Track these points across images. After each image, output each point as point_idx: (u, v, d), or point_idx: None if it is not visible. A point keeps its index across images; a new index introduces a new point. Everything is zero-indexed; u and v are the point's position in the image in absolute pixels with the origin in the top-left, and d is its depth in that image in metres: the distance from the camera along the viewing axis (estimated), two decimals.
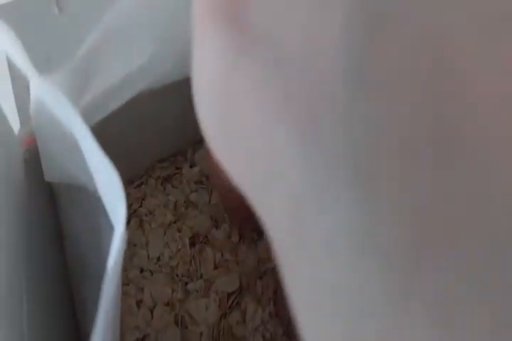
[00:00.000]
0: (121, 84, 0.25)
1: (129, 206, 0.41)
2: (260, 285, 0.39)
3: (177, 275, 0.40)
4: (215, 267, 0.40)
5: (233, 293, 0.39)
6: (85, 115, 0.25)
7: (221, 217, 0.41)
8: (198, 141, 0.44)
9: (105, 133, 0.37)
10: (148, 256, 0.40)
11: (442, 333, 0.09)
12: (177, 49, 0.26)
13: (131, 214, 0.41)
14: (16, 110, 0.46)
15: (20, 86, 0.48)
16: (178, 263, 0.40)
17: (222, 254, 0.40)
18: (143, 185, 0.42)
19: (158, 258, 0.40)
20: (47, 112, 0.22)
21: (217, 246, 0.40)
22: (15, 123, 0.43)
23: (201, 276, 0.40)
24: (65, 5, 0.51)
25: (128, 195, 0.42)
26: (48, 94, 0.19)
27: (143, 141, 0.40)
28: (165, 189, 0.42)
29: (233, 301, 0.39)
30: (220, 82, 0.12)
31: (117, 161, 0.41)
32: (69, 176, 0.27)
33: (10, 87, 0.48)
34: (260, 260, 0.40)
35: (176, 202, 0.42)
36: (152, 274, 0.40)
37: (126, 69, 0.24)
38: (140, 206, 0.41)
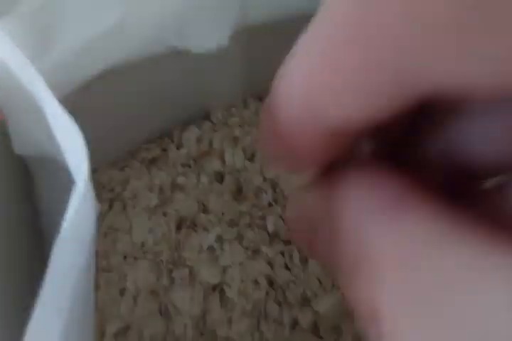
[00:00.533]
0: (91, 46, 0.22)
1: (112, 189, 0.39)
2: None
3: (162, 262, 0.37)
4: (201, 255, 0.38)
5: (218, 284, 0.37)
6: (54, 80, 0.23)
7: (210, 200, 0.39)
8: (186, 122, 0.42)
9: (85, 110, 0.35)
10: (132, 241, 0.38)
11: None
12: (154, 11, 0.24)
13: (114, 198, 0.39)
14: None
15: None
16: (163, 250, 0.38)
17: (207, 241, 0.38)
18: (127, 168, 0.40)
19: (143, 244, 0.38)
20: (9, 73, 0.20)
21: (205, 231, 0.38)
22: None
23: (186, 264, 0.37)
24: None
25: (111, 178, 0.40)
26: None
27: (127, 120, 0.38)
28: (150, 172, 0.40)
29: (219, 292, 0.37)
30: None
31: (100, 142, 0.39)
32: (38, 148, 0.25)
33: None
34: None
35: (161, 185, 0.39)
36: (136, 260, 0.38)
37: (94, 30, 0.22)
38: (123, 189, 0.39)
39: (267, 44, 0.37)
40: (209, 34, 0.33)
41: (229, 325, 0.36)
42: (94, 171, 0.40)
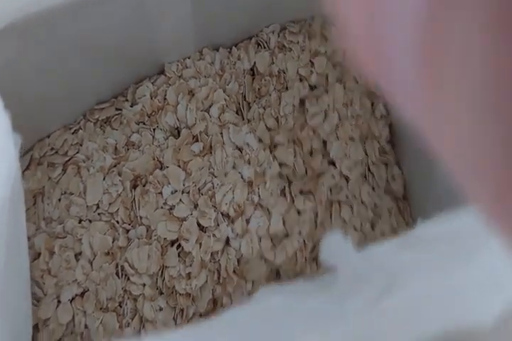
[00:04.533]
0: None
1: (65, 153, 0.37)
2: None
3: (117, 222, 0.35)
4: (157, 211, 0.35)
5: (176, 240, 0.35)
6: None
7: (165, 156, 0.37)
8: (140, 78, 0.39)
9: (31, 68, 0.33)
10: (87, 204, 0.36)
11: None
12: None
13: (67, 162, 0.37)
14: None
15: None
16: (118, 209, 0.35)
17: (163, 197, 0.35)
18: (80, 130, 0.38)
19: (98, 206, 0.36)
20: None
21: (160, 188, 0.36)
22: None
23: (142, 222, 0.35)
24: None
25: (64, 142, 0.38)
26: None
27: (75, 78, 0.36)
28: (104, 132, 0.38)
29: (177, 248, 0.35)
30: None
31: (52, 106, 0.37)
32: None
33: None
34: None
35: (116, 144, 0.37)
36: (91, 223, 0.35)
37: None
38: (77, 152, 0.37)
39: None
40: None
41: (188, 280, 0.33)
42: (47, 136, 0.38)
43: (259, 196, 0.36)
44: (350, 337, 0.16)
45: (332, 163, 0.37)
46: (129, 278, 0.34)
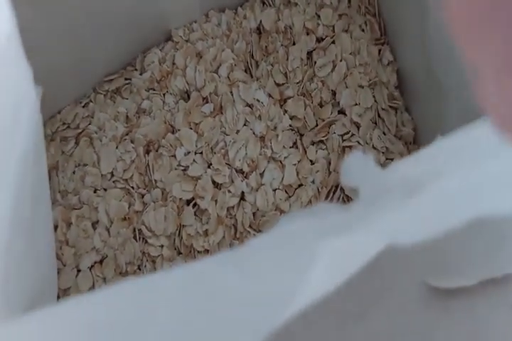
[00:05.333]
0: None
1: (77, 126, 0.37)
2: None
3: (132, 188, 0.35)
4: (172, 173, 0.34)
5: (192, 199, 0.34)
6: None
7: (176, 120, 0.36)
8: (148, 47, 0.39)
9: (44, 37, 0.33)
10: (101, 173, 0.35)
11: None
12: None
13: (80, 135, 0.37)
14: None
15: None
16: (132, 175, 0.35)
17: (177, 159, 0.35)
18: (91, 103, 0.38)
19: (112, 174, 0.35)
20: None
21: (173, 150, 0.35)
22: None
23: (157, 186, 0.34)
24: None
25: (75, 116, 0.37)
26: None
27: (88, 49, 0.36)
28: (114, 102, 0.38)
29: (193, 207, 0.34)
30: None
31: (62, 79, 0.37)
32: None
33: None
34: None
35: (127, 113, 0.37)
36: (106, 191, 0.35)
37: None
38: (89, 124, 0.37)
39: None
40: None
41: (206, 237, 0.32)
42: (58, 112, 0.38)
43: (271, 150, 0.35)
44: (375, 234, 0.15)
45: (342, 113, 0.36)
46: (146, 241, 0.33)
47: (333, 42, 0.37)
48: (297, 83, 0.36)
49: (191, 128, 0.35)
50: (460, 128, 0.16)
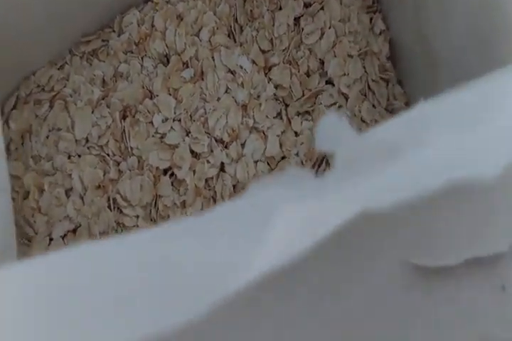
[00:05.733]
0: None
1: (52, 89, 0.36)
2: None
3: (108, 155, 0.33)
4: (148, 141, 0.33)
5: (169, 168, 0.33)
6: None
7: (154, 85, 0.34)
8: (126, 7, 0.37)
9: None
10: (75, 138, 0.34)
11: None
12: None
13: (54, 98, 0.35)
14: None
15: None
16: (108, 141, 0.34)
17: (154, 126, 0.33)
18: (66, 65, 0.36)
19: (87, 140, 0.34)
20: None
21: (150, 117, 0.34)
22: None
23: (133, 153, 0.33)
24: None
25: (50, 78, 0.36)
26: None
27: (64, 8, 0.34)
28: (91, 65, 0.36)
29: (170, 177, 0.33)
30: None
31: (37, 40, 0.35)
32: None
33: None
34: None
35: (103, 76, 0.35)
36: (81, 158, 0.34)
37: None
38: (64, 87, 0.35)
39: None
40: None
41: (183, 209, 0.31)
42: (33, 74, 0.36)
43: (254, 119, 0.33)
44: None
45: (330, 83, 0.35)
46: (121, 211, 0.32)
47: (322, 8, 0.36)
48: (283, 50, 0.35)
49: (170, 94, 0.34)
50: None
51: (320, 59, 0.35)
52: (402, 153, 0.14)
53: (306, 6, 0.36)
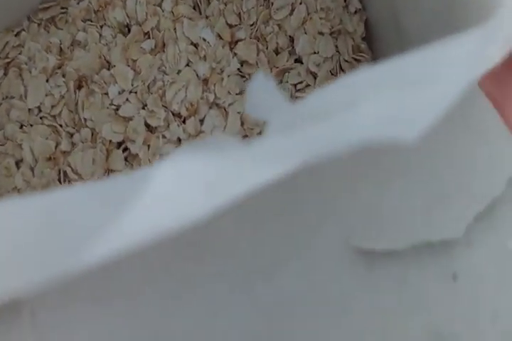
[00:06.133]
0: None
1: (6, 55, 0.34)
2: None
3: (61, 126, 0.32)
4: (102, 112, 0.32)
5: (122, 142, 0.32)
6: None
7: (112, 55, 0.33)
8: None
9: None
10: (28, 107, 0.33)
11: None
12: None
13: (9, 64, 0.34)
14: None
15: None
16: (61, 111, 0.32)
17: (110, 98, 0.32)
18: (23, 32, 0.35)
19: (40, 109, 0.33)
20: None
21: (106, 88, 0.32)
22: None
23: (87, 125, 0.32)
24: None
25: (6, 44, 0.34)
26: None
27: None
28: (48, 32, 0.35)
29: (124, 151, 0.31)
30: None
31: None
32: None
33: None
34: None
35: (60, 44, 0.34)
36: (32, 127, 0.32)
37: None
38: (19, 54, 0.34)
39: None
40: None
41: None
42: None
43: (215, 94, 0.32)
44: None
45: (299, 62, 0.34)
46: (72, 184, 0.31)
47: None
48: (251, 25, 0.34)
49: (128, 65, 0.33)
50: None
51: (290, 36, 0.34)
52: (331, 116, 0.13)
53: None
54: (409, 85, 0.13)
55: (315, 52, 0.33)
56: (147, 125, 0.32)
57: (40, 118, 0.33)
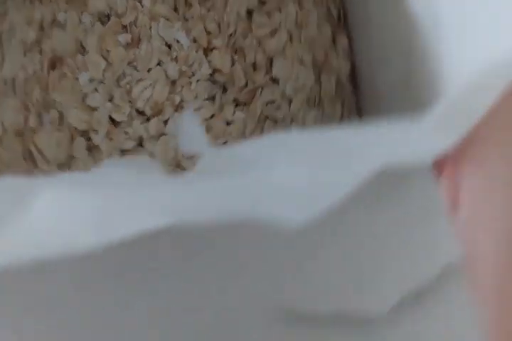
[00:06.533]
0: None
1: None
2: None
3: (32, 104, 0.35)
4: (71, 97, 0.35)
5: (87, 131, 0.34)
6: None
7: (89, 41, 0.35)
8: None
9: None
10: (4, 77, 0.35)
11: None
12: None
13: None
14: None
15: None
16: (33, 88, 0.35)
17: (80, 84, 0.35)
18: (9, 1, 0.36)
19: (13, 81, 0.35)
20: None
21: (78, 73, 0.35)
22: None
23: (56, 107, 0.34)
24: None
25: None
26: None
27: None
28: (33, 6, 0.36)
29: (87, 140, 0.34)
30: None
31: None
32: None
33: None
34: None
35: (41, 20, 0.36)
36: (5, 98, 0.35)
37: None
38: (1, 22, 0.36)
39: None
40: None
41: None
42: None
43: (181, 97, 0.35)
44: None
45: (276, 82, 0.35)
46: (37, 165, 0.34)
47: (279, 10, 0.36)
48: (230, 35, 0.35)
49: (102, 56, 0.35)
50: None
51: (269, 56, 0.35)
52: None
53: (262, 2, 0.36)
54: (328, 159, 0.14)
55: (292, 79, 0.35)
56: (111, 118, 0.34)
57: (13, 90, 0.35)
